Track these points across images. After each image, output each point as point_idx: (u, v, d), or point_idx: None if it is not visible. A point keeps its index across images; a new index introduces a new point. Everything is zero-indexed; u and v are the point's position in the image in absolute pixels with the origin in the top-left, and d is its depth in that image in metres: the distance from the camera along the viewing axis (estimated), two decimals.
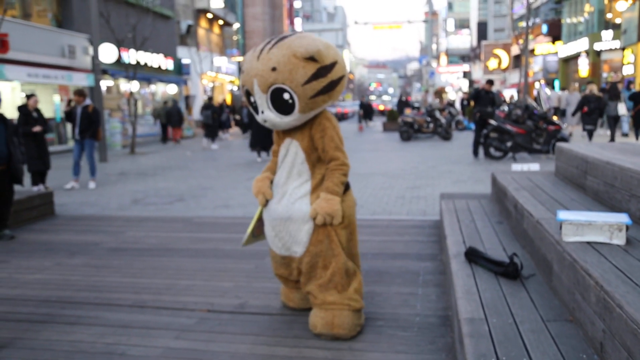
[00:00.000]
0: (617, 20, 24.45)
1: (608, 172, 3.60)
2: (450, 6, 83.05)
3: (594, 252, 2.64)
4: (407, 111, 22.46)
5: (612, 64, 28.03)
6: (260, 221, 3.54)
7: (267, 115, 3.11)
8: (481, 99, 12.82)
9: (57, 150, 17.69)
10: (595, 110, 14.19)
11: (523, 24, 43.50)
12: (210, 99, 20.50)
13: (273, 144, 3.46)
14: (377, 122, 37.36)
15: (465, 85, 57.91)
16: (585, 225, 2.79)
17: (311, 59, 2.96)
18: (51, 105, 18.63)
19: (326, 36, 66.94)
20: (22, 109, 9.06)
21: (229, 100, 30.55)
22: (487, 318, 2.65)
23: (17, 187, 6.62)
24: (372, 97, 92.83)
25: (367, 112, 31.39)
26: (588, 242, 2.79)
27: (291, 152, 3.24)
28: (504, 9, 62.00)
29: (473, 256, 3.54)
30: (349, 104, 51.66)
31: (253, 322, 3.51)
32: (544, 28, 36.34)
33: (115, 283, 4.38)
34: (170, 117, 21.32)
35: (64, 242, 5.78)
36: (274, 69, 2.98)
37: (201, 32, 33.41)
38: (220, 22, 36.96)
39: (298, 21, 58.97)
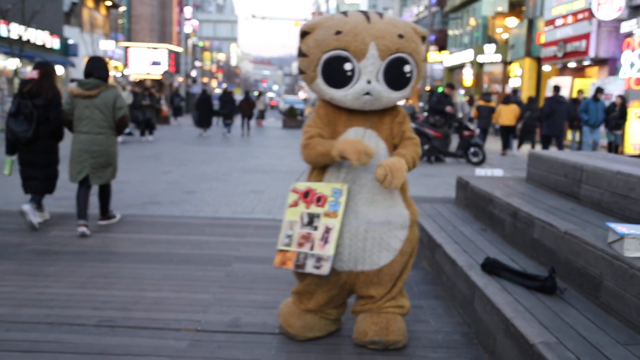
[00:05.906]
0: (505, 36, 26.03)
1: (619, 183, 3.55)
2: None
3: None
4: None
5: (492, 76, 29.88)
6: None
7: (374, 87, 2.70)
8: None
9: None
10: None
11: None
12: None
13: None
14: (271, 119, 37.01)
15: None
16: None
17: (423, 39, 2.86)
18: None
19: (220, 28, 65.16)
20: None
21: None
22: (562, 342, 2.43)
23: None
24: (256, 93, 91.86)
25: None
26: None
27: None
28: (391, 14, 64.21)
29: (495, 268, 3.32)
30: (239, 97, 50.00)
31: (258, 343, 3.03)
32: (431, 37, 37.94)
33: (64, 296, 3.66)
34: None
35: None
36: (401, 36, 2.70)
37: (86, 11, 30.97)
38: (108, 2, 34.53)
39: (188, 9, 56.77)
